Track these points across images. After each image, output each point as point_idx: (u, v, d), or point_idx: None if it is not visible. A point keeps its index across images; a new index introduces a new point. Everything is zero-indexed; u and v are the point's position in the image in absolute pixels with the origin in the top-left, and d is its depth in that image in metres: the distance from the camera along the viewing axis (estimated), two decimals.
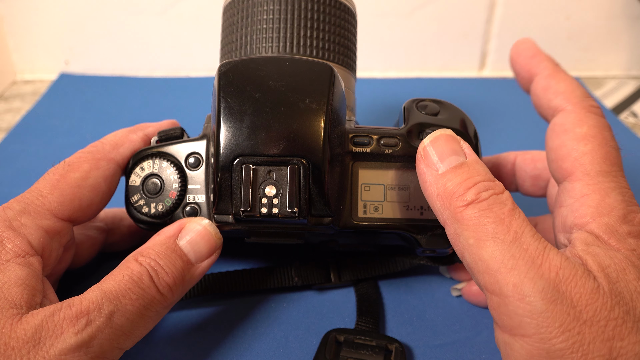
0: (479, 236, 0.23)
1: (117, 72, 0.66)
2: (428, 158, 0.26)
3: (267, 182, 0.27)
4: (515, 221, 0.23)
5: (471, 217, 0.23)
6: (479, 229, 0.23)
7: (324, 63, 0.29)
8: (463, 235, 0.24)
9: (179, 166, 0.30)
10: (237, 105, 0.27)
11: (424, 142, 0.26)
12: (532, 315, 0.21)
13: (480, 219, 0.23)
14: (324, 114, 0.27)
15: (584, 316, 0.21)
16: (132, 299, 0.25)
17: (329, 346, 0.30)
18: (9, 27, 0.65)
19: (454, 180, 0.24)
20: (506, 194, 0.24)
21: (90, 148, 0.30)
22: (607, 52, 0.68)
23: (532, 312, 0.21)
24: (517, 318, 0.21)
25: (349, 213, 0.29)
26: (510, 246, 0.22)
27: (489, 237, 0.23)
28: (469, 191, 0.24)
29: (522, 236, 0.23)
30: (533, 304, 0.21)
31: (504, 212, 0.23)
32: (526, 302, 0.21)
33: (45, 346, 0.22)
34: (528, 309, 0.21)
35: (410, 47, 0.67)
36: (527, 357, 0.21)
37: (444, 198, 0.25)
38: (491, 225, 0.23)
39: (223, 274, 0.34)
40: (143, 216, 0.30)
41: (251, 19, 0.33)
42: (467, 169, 0.25)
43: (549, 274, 0.21)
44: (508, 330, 0.22)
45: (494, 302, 0.23)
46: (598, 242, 0.23)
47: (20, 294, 0.24)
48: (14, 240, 0.26)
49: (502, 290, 0.22)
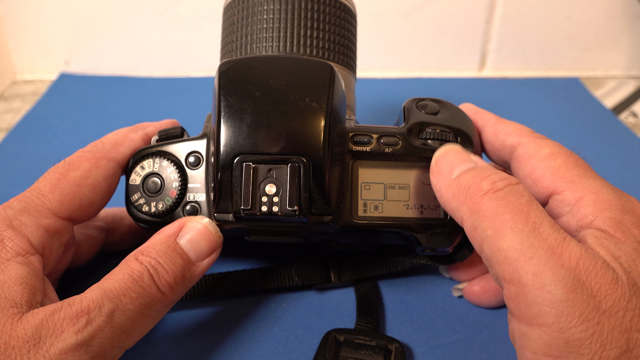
0: (497, 226, 0.23)
1: (117, 72, 0.66)
2: (440, 169, 0.27)
3: (268, 180, 0.27)
4: (534, 211, 0.23)
5: (488, 207, 0.24)
6: (496, 219, 0.23)
7: (324, 62, 0.29)
8: (481, 226, 0.24)
9: (179, 165, 0.30)
10: (237, 103, 0.27)
11: (435, 156, 0.27)
12: (552, 304, 0.21)
13: (498, 209, 0.23)
14: (324, 113, 0.27)
15: (603, 306, 0.21)
16: (132, 297, 0.25)
17: (329, 346, 0.30)
18: (9, 27, 0.65)
19: (468, 177, 0.25)
20: (522, 186, 0.24)
21: (91, 147, 0.30)
22: (607, 52, 0.68)
23: (552, 300, 0.21)
24: (536, 307, 0.21)
25: (349, 212, 0.29)
26: (529, 235, 0.22)
27: (507, 226, 0.23)
28: (484, 181, 0.24)
29: (541, 226, 0.23)
30: (553, 293, 0.21)
31: (522, 202, 0.23)
32: (546, 291, 0.21)
33: (46, 345, 0.22)
34: (548, 297, 0.21)
35: (410, 47, 0.67)
36: (545, 347, 0.21)
37: (460, 194, 0.25)
38: (509, 214, 0.23)
39: (223, 274, 0.34)
40: (143, 215, 0.30)
41: (251, 18, 0.33)
42: (479, 169, 0.25)
43: (570, 263, 0.21)
44: (526, 320, 0.22)
45: (511, 292, 0.22)
46: (606, 236, 0.23)
47: (20, 292, 0.24)
48: (15, 239, 0.26)
49: (521, 279, 0.22)
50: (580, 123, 0.58)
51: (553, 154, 0.28)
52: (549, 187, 0.27)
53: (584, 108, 0.61)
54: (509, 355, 0.31)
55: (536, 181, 0.28)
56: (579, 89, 0.65)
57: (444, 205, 0.26)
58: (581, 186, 0.26)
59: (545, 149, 0.28)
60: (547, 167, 0.27)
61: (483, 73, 0.69)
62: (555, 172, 0.27)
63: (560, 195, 0.26)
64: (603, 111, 0.60)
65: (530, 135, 0.30)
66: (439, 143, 0.30)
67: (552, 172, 0.27)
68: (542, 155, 0.28)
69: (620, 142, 0.54)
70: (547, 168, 0.27)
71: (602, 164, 0.47)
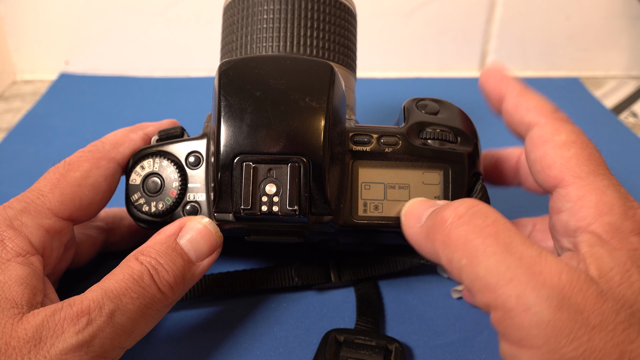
0: (469, 254, 0.23)
1: (117, 72, 0.66)
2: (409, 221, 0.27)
3: (268, 180, 0.27)
4: (502, 231, 0.23)
5: (457, 236, 0.23)
6: (467, 247, 0.23)
7: (324, 62, 0.29)
8: (455, 258, 0.23)
9: (179, 165, 0.30)
10: (237, 103, 0.27)
11: (402, 212, 0.28)
12: (540, 325, 0.20)
13: (467, 236, 0.23)
14: (324, 113, 0.27)
15: (592, 322, 0.20)
16: (132, 297, 0.25)
17: (329, 346, 0.30)
18: (9, 27, 0.65)
19: (432, 216, 0.25)
20: (485, 206, 0.24)
21: (91, 147, 0.30)
22: (607, 52, 0.68)
23: (540, 322, 0.20)
24: (524, 330, 0.21)
25: (349, 211, 0.29)
26: (504, 257, 0.22)
27: (479, 253, 0.22)
28: (446, 211, 0.24)
29: (513, 245, 0.22)
30: (539, 315, 0.20)
31: (488, 224, 0.23)
32: (532, 313, 0.21)
33: (46, 346, 0.22)
34: (535, 319, 0.20)
35: (410, 47, 0.67)
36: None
37: (429, 234, 0.25)
38: (479, 239, 0.23)
39: (223, 275, 0.34)
40: (143, 215, 0.30)
41: (251, 18, 0.33)
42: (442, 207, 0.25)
43: (552, 280, 0.21)
44: (515, 343, 0.22)
45: (498, 317, 0.22)
46: (601, 243, 0.23)
47: (21, 293, 0.24)
48: (15, 239, 0.26)
49: (505, 304, 0.21)
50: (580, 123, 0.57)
51: (568, 143, 0.26)
52: (556, 178, 0.26)
53: (584, 108, 0.61)
54: None
55: (545, 168, 0.27)
56: (579, 89, 0.65)
57: (424, 253, 0.26)
58: (587, 184, 0.25)
59: (561, 136, 0.27)
60: (559, 156, 0.26)
61: None
62: (566, 162, 0.26)
63: (564, 189, 0.26)
64: (603, 111, 0.60)
65: (550, 116, 0.28)
66: (439, 143, 0.30)
67: (561, 163, 0.26)
68: (557, 142, 0.27)
69: (620, 142, 0.54)
70: (558, 157, 0.26)
71: None
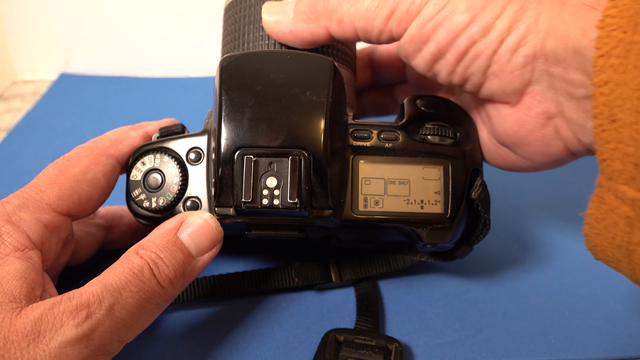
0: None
1: (117, 72, 0.66)
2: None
3: (268, 173, 0.27)
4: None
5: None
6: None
7: (324, 57, 0.29)
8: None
9: (180, 161, 0.30)
10: (238, 97, 0.27)
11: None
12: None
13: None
14: (325, 106, 0.27)
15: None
16: (132, 291, 0.25)
17: (329, 346, 0.30)
18: (9, 27, 0.65)
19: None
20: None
21: (90, 144, 0.30)
22: None
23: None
24: None
25: (349, 206, 0.29)
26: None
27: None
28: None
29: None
30: None
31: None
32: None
33: (45, 339, 0.22)
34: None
35: None
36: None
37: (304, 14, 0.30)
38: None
39: (224, 276, 0.34)
40: (144, 211, 0.30)
41: (253, 17, 0.34)
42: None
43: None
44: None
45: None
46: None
47: (19, 287, 0.24)
48: (13, 234, 0.26)
49: None
50: None
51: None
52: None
53: None
54: (509, 355, 0.31)
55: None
56: None
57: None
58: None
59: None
60: None
61: None
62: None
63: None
64: None
65: None
66: (439, 139, 0.30)
67: None
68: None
69: None
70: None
71: None
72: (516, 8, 0.25)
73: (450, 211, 0.29)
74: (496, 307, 0.34)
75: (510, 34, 0.26)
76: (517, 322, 0.33)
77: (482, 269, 0.37)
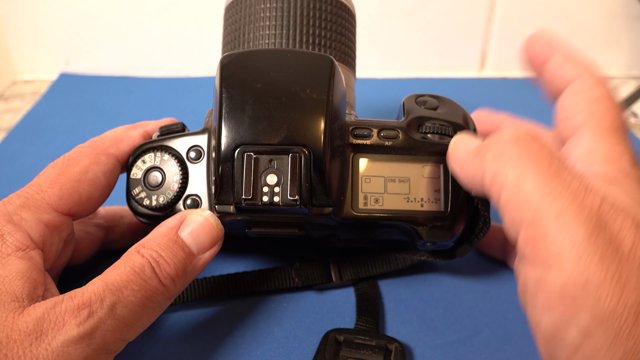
0: (519, 169, 0.23)
1: (117, 72, 0.66)
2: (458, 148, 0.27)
3: (269, 170, 0.27)
4: (556, 159, 0.23)
5: (512, 152, 0.24)
6: (519, 163, 0.23)
7: (324, 55, 0.29)
8: (503, 171, 0.24)
9: (181, 159, 0.30)
10: (238, 95, 0.27)
11: (450, 144, 0.28)
12: (573, 245, 0.21)
13: (521, 154, 0.23)
14: (325, 104, 0.27)
15: (623, 249, 0.21)
16: (134, 290, 0.25)
17: (329, 346, 0.30)
18: (9, 27, 0.65)
19: (488, 139, 0.25)
20: (543, 137, 0.24)
21: (90, 143, 0.30)
22: (607, 52, 0.68)
23: (573, 241, 0.21)
24: (556, 247, 0.21)
25: (349, 204, 0.29)
26: (553, 179, 0.22)
27: (530, 170, 0.23)
28: (505, 132, 0.25)
29: (564, 172, 0.23)
30: (574, 234, 0.21)
31: (544, 151, 0.23)
32: (567, 232, 0.21)
33: (48, 338, 0.22)
34: (569, 238, 0.21)
35: (410, 47, 0.67)
36: (562, 288, 0.21)
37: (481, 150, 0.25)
38: (532, 159, 0.23)
39: (224, 277, 0.34)
40: (144, 209, 0.30)
41: (253, 16, 0.34)
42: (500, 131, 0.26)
43: (592, 206, 0.21)
44: (542, 263, 0.22)
45: (530, 235, 0.22)
46: (613, 183, 0.23)
47: (21, 287, 0.24)
48: (15, 234, 0.26)
49: (542, 220, 0.22)
50: None
51: (602, 97, 0.27)
52: (577, 125, 0.26)
53: None
54: (509, 355, 0.31)
55: (571, 115, 0.27)
56: None
57: (464, 175, 0.27)
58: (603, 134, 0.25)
59: (600, 89, 0.27)
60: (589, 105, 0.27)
61: (483, 73, 0.69)
62: (593, 113, 0.26)
63: (579, 136, 0.26)
64: None
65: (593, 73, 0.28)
66: (438, 137, 0.30)
67: (589, 112, 0.26)
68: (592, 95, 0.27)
69: None
70: (588, 106, 0.26)
71: None
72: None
73: (450, 209, 0.29)
74: (496, 308, 0.34)
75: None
76: (518, 322, 0.33)
77: (483, 269, 0.37)
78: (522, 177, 0.23)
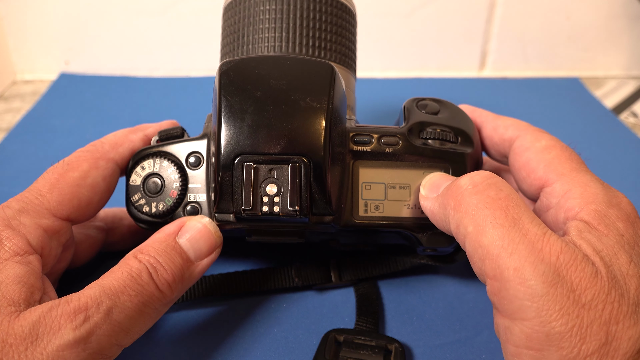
0: (477, 222, 0.23)
1: (117, 72, 0.66)
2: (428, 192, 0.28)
3: (268, 180, 0.27)
4: (513, 206, 0.23)
5: (469, 203, 0.24)
6: (477, 215, 0.23)
7: (324, 62, 0.29)
8: (463, 223, 0.24)
9: (180, 165, 0.30)
10: (238, 103, 0.27)
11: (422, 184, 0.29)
12: (533, 298, 0.21)
13: (478, 205, 0.24)
14: (325, 113, 0.27)
15: (582, 300, 0.21)
16: (130, 295, 0.25)
17: (329, 346, 0.30)
18: (9, 27, 0.65)
19: (449, 185, 0.26)
20: (500, 180, 0.25)
21: (90, 147, 0.30)
22: (607, 52, 0.68)
23: (533, 295, 0.21)
24: (518, 301, 0.22)
25: (350, 212, 0.29)
26: (510, 230, 0.23)
27: (487, 222, 0.23)
28: (462, 180, 0.25)
29: (521, 221, 0.23)
30: (534, 287, 0.21)
31: (501, 197, 0.24)
32: (527, 286, 0.21)
33: (43, 342, 0.22)
34: (529, 292, 0.21)
35: (410, 47, 0.67)
36: (527, 340, 0.22)
37: (444, 199, 0.26)
38: (489, 210, 0.23)
39: (224, 276, 0.34)
40: (144, 215, 0.30)
41: (251, 18, 0.33)
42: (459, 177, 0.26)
43: (550, 258, 0.22)
44: (508, 315, 0.22)
45: (494, 288, 0.23)
46: (589, 229, 0.24)
47: (18, 291, 0.24)
48: (13, 239, 0.26)
49: (502, 275, 0.22)
50: (580, 123, 0.58)
51: (548, 147, 0.28)
52: (541, 179, 0.28)
53: (584, 108, 0.61)
54: None
55: (530, 173, 0.28)
56: (579, 89, 0.65)
57: (436, 222, 0.27)
58: (571, 179, 0.26)
59: (541, 142, 0.29)
60: (541, 159, 0.28)
61: (483, 73, 0.69)
62: (548, 164, 0.27)
63: (550, 187, 0.27)
64: (603, 111, 0.60)
65: (528, 129, 0.30)
66: (439, 143, 0.30)
67: (545, 165, 0.28)
68: (538, 147, 0.29)
69: (620, 142, 0.54)
70: (541, 160, 0.28)
71: (602, 164, 0.47)
72: None
73: None
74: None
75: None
76: None
77: None
78: (480, 231, 0.23)
